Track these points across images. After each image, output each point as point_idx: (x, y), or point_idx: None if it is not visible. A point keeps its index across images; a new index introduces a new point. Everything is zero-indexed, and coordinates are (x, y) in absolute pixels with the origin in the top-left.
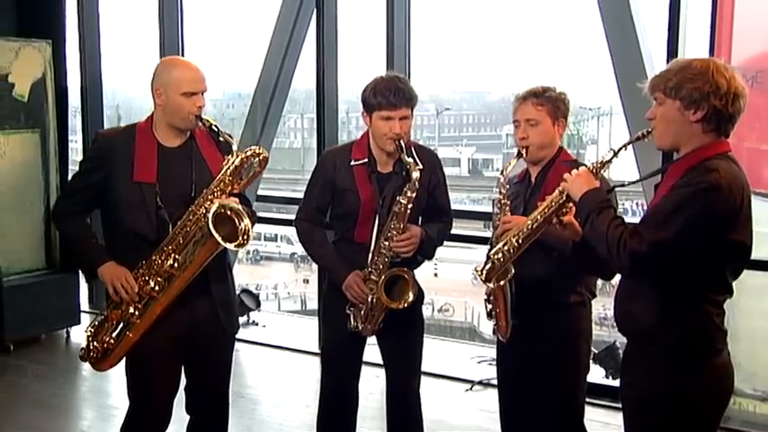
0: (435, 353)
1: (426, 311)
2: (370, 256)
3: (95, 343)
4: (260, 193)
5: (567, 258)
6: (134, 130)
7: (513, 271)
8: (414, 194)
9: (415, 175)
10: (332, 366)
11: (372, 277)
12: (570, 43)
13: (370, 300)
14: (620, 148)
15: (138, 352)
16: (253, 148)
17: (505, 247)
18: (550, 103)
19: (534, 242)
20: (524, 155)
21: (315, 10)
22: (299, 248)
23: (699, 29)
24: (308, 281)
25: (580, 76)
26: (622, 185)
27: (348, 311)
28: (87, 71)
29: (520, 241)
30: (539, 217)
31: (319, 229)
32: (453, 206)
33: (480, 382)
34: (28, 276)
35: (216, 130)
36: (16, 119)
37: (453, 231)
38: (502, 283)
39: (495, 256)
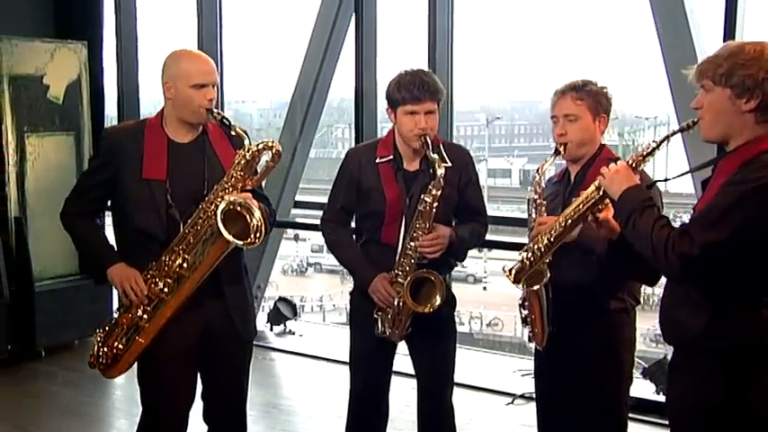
0: (478, 365)
1: (475, 326)
2: (397, 257)
3: (105, 348)
4: (303, 199)
5: (606, 261)
6: (144, 126)
7: (548, 275)
8: (439, 192)
9: (440, 171)
10: (360, 373)
11: (399, 279)
12: (625, 51)
13: (396, 303)
14: (662, 141)
15: (149, 358)
16: (264, 140)
17: (536, 246)
18: (591, 98)
19: (570, 244)
20: (562, 152)
21: (353, 14)
22: None
23: (757, 26)
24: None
25: (636, 85)
26: (665, 180)
27: (376, 316)
28: (124, 74)
29: (551, 239)
30: (572, 213)
31: (345, 231)
32: (502, 215)
33: (522, 396)
34: (61, 281)
35: (227, 123)
36: (51, 121)
37: (501, 239)
38: (536, 287)
39: (525, 255)
